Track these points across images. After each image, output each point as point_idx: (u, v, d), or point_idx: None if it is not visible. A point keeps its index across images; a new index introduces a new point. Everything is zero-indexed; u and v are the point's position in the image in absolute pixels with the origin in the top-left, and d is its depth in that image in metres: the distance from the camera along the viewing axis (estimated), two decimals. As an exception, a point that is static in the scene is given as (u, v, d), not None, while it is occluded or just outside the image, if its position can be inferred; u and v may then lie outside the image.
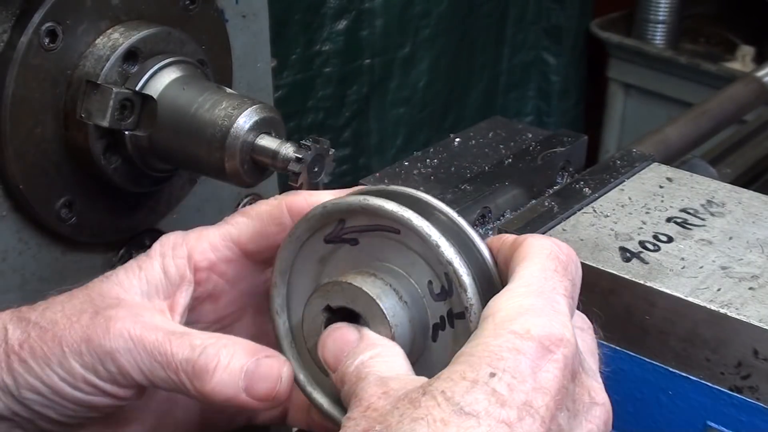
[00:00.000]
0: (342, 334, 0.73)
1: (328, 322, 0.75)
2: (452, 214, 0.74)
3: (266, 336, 0.83)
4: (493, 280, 0.73)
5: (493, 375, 0.62)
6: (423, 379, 0.66)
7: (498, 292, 0.70)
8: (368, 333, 0.72)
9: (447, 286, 0.72)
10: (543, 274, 0.69)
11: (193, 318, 0.84)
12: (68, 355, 0.77)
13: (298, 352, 0.80)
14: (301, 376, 0.80)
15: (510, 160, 1.03)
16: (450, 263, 0.70)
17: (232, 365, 0.76)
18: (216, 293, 0.84)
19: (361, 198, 0.73)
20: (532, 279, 0.69)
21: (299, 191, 0.83)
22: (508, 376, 0.62)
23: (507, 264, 0.72)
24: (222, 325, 0.86)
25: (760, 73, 1.52)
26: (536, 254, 0.71)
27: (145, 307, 0.80)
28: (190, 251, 0.82)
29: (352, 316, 0.74)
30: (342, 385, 0.71)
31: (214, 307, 0.85)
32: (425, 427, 0.60)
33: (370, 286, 0.72)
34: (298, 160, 0.97)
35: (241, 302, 0.86)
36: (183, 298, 0.82)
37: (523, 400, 0.62)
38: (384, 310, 0.72)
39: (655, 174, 1.02)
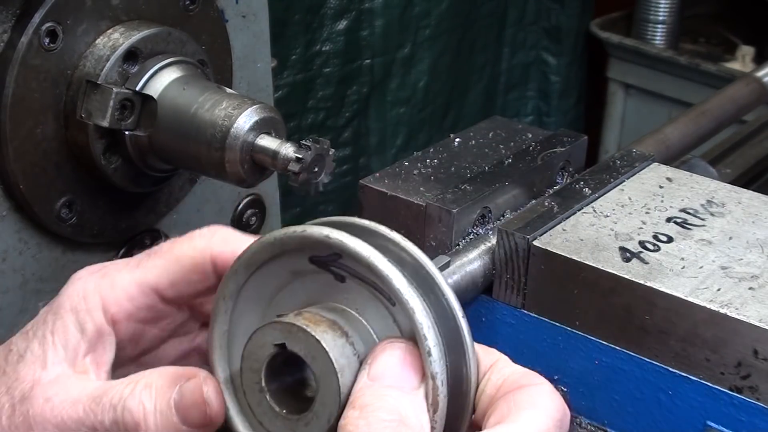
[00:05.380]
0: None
1: (274, 358, 0.69)
2: (461, 318, 0.68)
3: (197, 346, 0.82)
4: (467, 394, 0.69)
5: None
6: None
7: (467, 407, 0.68)
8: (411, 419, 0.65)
9: None
10: None
11: (116, 358, 0.79)
12: None
13: (234, 388, 0.73)
14: (237, 420, 0.73)
15: (510, 160, 1.03)
16: (434, 372, 0.65)
17: (160, 405, 0.72)
18: (137, 334, 0.80)
19: (372, 254, 0.66)
20: None
21: (227, 236, 0.76)
22: None
23: (500, 390, 0.69)
24: (147, 351, 0.83)
25: (760, 73, 1.51)
26: (545, 413, 0.67)
27: (63, 380, 0.75)
28: (104, 303, 0.76)
29: (298, 360, 0.68)
30: None
31: (137, 345, 0.81)
32: None
33: (338, 353, 0.66)
34: (298, 160, 0.97)
35: (166, 331, 0.82)
36: (108, 352, 0.77)
37: None
38: (340, 386, 0.66)
39: (655, 174, 1.02)
